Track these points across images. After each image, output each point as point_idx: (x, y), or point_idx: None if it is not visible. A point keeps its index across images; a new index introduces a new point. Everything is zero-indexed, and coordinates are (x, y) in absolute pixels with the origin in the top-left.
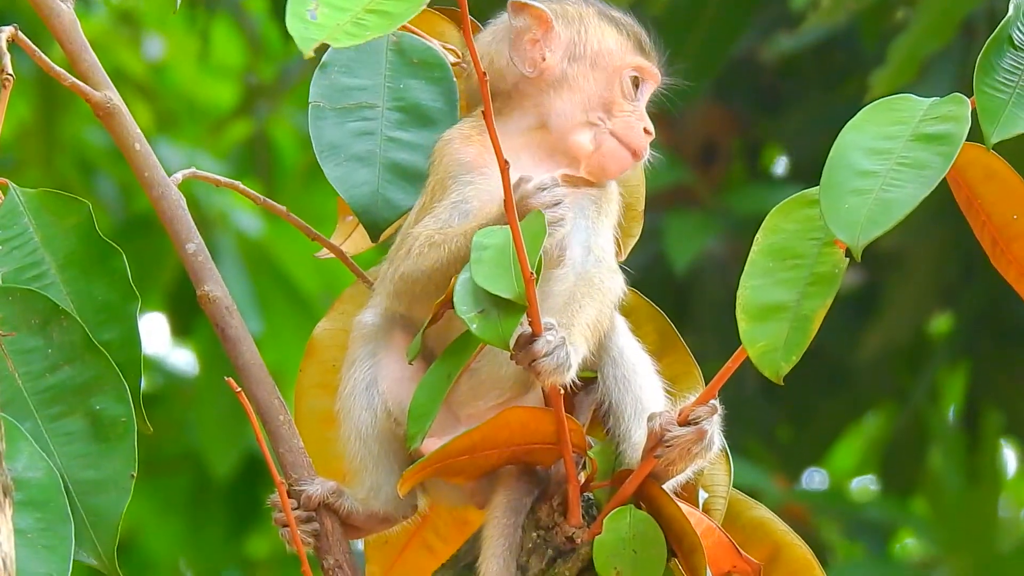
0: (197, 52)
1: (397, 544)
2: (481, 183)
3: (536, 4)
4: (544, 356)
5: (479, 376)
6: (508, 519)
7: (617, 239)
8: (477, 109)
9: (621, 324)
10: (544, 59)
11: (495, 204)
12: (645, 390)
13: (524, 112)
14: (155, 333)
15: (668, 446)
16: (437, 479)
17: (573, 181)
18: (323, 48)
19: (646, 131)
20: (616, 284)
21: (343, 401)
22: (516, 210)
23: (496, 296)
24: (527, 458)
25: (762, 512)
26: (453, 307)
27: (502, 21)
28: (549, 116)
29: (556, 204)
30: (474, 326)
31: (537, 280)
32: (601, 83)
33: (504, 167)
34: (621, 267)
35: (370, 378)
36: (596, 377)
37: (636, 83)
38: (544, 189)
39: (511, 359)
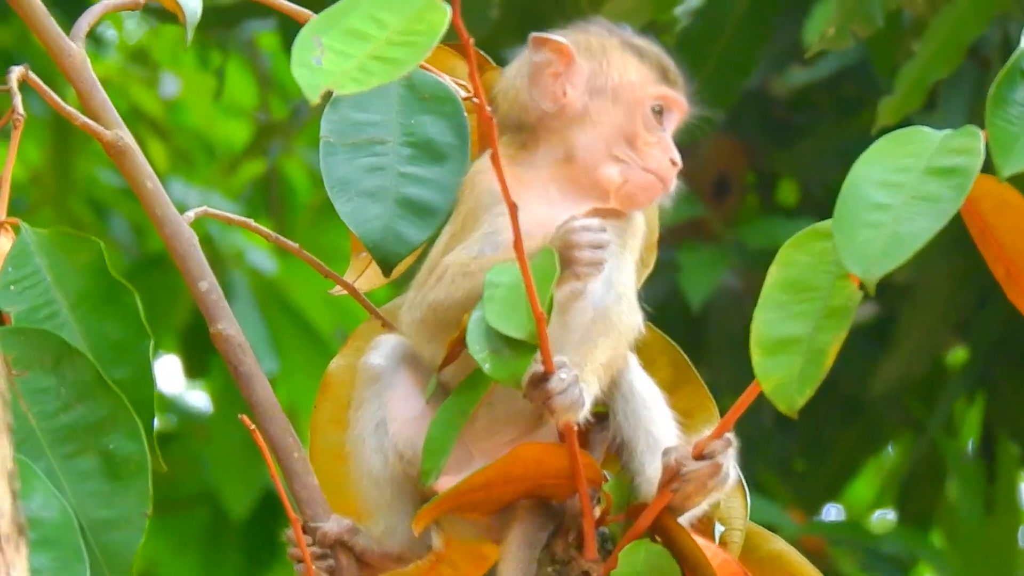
0: (211, 91)
1: None
2: None
3: (557, 38)
4: (557, 394)
5: (494, 411)
6: (523, 553)
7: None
8: (505, 136)
9: (631, 359)
10: (565, 94)
11: (529, 238)
12: (656, 424)
13: (551, 145)
14: (170, 373)
15: (685, 480)
16: (452, 515)
17: (600, 213)
18: None
19: (672, 162)
20: (634, 322)
21: (352, 444)
22: (559, 245)
23: (508, 336)
24: (542, 493)
25: (779, 545)
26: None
27: (527, 54)
28: (575, 150)
29: (599, 247)
30: (487, 366)
31: (549, 319)
32: (622, 116)
33: (513, 208)
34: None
35: (378, 420)
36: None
37: (660, 112)
38: (590, 230)
39: (524, 397)
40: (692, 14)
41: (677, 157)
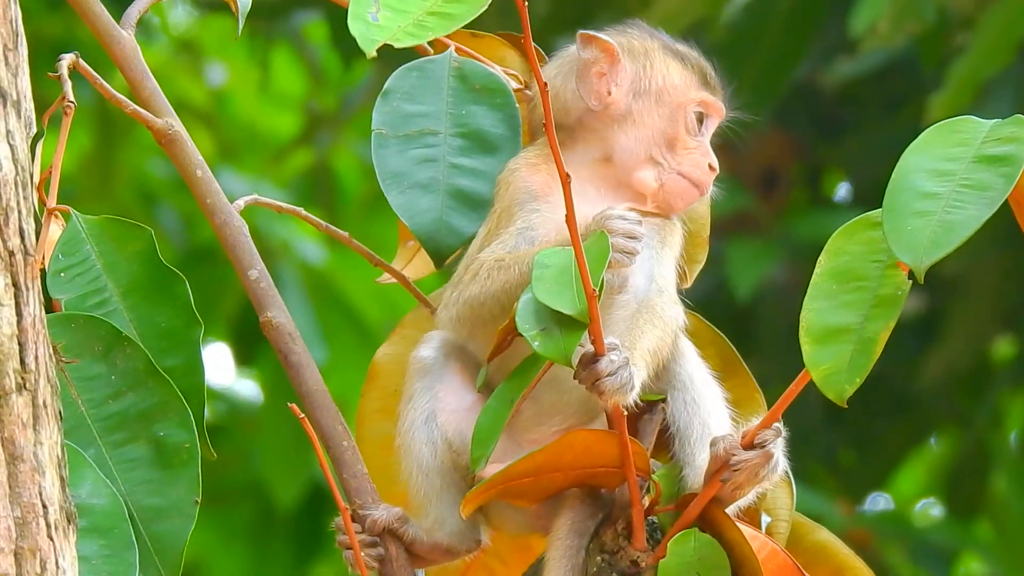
0: (258, 82)
1: (458, 569)
2: (547, 211)
3: (604, 37)
4: (607, 376)
5: (541, 403)
6: (572, 541)
7: (681, 267)
8: (541, 138)
9: (691, 350)
10: (610, 93)
11: (563, 231)
12: (712, 415)
13: (588, 145)
14: (220, 363)
15: (736, 470)
16: (500, 503)
17: (639, 209)
18: (386, 74)
19: (711, 167)
20: (676, 314)
21: (402, 436)
22: (595, 229)
23: (558, 313)
24: (591, 481)
25: (825, 535)
26: (516, 330)
27: (567, 54)
28: (613, 150)
29: (632, 238)
30: (536, 343)
31: (599, 299)
32: (665, 119)
33: (565, 179)
34: (681, 299)
35: (428, 411)
36: (660, 401)
37: (701, 118)
38: (626, 220)
39: (574, 378)
40: (739, 8)
41: (716, 163)
